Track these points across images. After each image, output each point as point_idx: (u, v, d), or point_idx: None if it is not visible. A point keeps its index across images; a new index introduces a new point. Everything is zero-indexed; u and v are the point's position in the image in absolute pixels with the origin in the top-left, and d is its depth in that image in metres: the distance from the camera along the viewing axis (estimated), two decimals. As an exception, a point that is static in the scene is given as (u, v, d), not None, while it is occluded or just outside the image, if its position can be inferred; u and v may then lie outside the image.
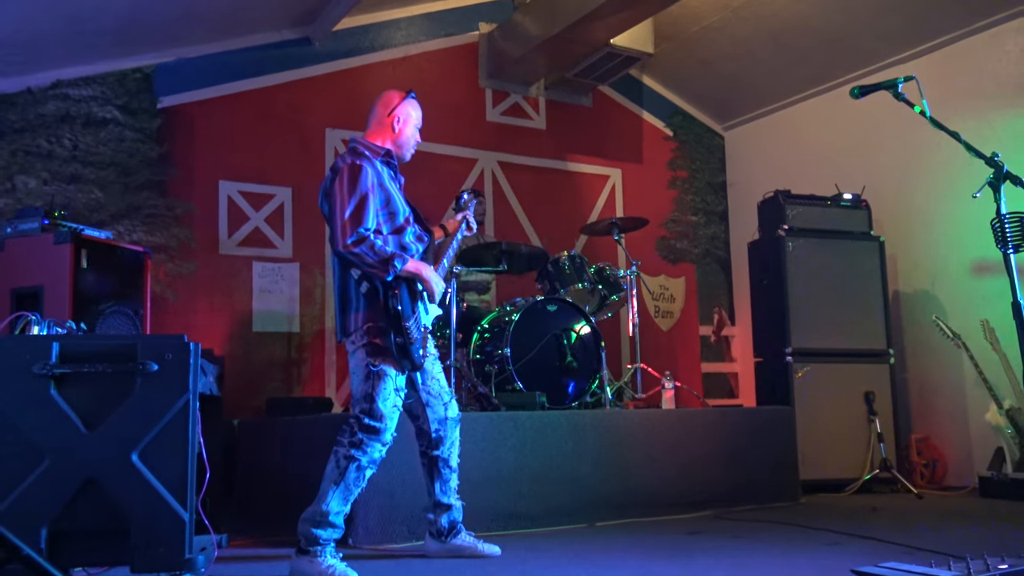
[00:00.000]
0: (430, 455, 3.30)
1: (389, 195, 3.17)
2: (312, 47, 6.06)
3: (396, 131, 3.28)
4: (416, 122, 3.35)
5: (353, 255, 2.98)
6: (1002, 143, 5.42)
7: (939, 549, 3.11)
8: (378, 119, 3.30)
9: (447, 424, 3.29)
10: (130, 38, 5.22)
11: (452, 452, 3.32)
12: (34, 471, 2.37)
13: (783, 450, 4.96)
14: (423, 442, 3.31)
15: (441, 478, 3.30)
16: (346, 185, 3.04)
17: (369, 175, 3.08)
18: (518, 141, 6.84)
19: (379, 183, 3.13)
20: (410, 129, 3.32)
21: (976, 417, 5.61)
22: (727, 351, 7.57)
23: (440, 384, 3.30)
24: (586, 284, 5.10)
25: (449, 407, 3.31)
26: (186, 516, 2.46)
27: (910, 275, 6.21)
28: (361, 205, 3.02)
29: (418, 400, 3.26)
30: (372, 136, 3.29)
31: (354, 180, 3.05)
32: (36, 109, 5.11)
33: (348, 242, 2.97)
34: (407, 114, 3.31)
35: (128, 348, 2.50)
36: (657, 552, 3.38)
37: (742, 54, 6.80)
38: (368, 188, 3.06)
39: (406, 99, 3.33)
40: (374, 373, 3.02)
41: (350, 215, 3.00)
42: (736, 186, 7.75)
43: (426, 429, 3.28)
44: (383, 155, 3.23)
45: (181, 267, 5.43)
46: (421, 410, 3.27)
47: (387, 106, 3.30)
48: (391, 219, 3.17)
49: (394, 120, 3.28)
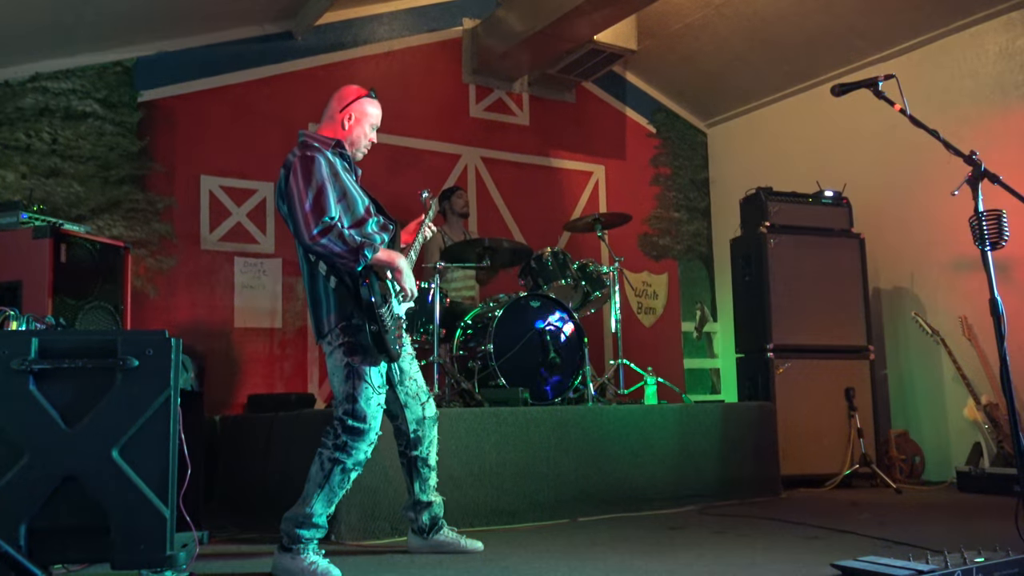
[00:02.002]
0: (409, 455, 3.27)
1: (345, 187, 3.05)
2: (294, 41, 6.03)
3: (346, 128, 3.16)
4: (372, 121, 3.21)
5: (320, 246, 2.88)
6: (981, 141, 5.47)
7: (917, 543, 3.15)
8: (330, 113, 3.19)
9: (425, 423, 3.27)
10: (110, 31, 5.17)
11: (431, 451, 3.30)
12: (13, 468, 2.35)
13: (764, 445, 5.01)
14: (401, 442, 3.28)
15: (420, 477, 3.28)
16: (300, 178, 2.93)
17: (323, 165, 2.98)
18: (501, 137, 6.84)
19: (333, 174, 3.02)
20: (362, 128, 3.18)
21: (954, 412, 5.68)
22: (709, 347, 7.61)
23: (418, 384, 3.26)
24: (569, 280, 5.10)
25: (427, 406, 3.28)
26: (167, 512, 2.44)
27: (890, 272, 6.27)
28: (320, 194, 2.92)
29: (396, 400, 3.21)
30: (322, 130, 3.17)
31: (308, 171, 2.94)
32: (14, 102, 5.06)
33: (314, 232, 2.87)
34: (362, 112, 3.18)
35: (108, 344, 2.48)
36: (639, 547, 3.40)
37: (724, 51, 6.83)
38: (324, 178, 2.95)
39: (364, 97, 3.20)
40: (354, 372, 2.96)
41: (311, 206, 2.90)
42: (718, 183, 7.79)
43: (404, 429, 3.25)
44: (333, 146, 3.12)
45: (162, 262, 5.39)
46: (399, 410, 3.23)
47: (341, 101, 3.19)
48: (350, 211, 3.05)
49: (345, 117, 3.16)
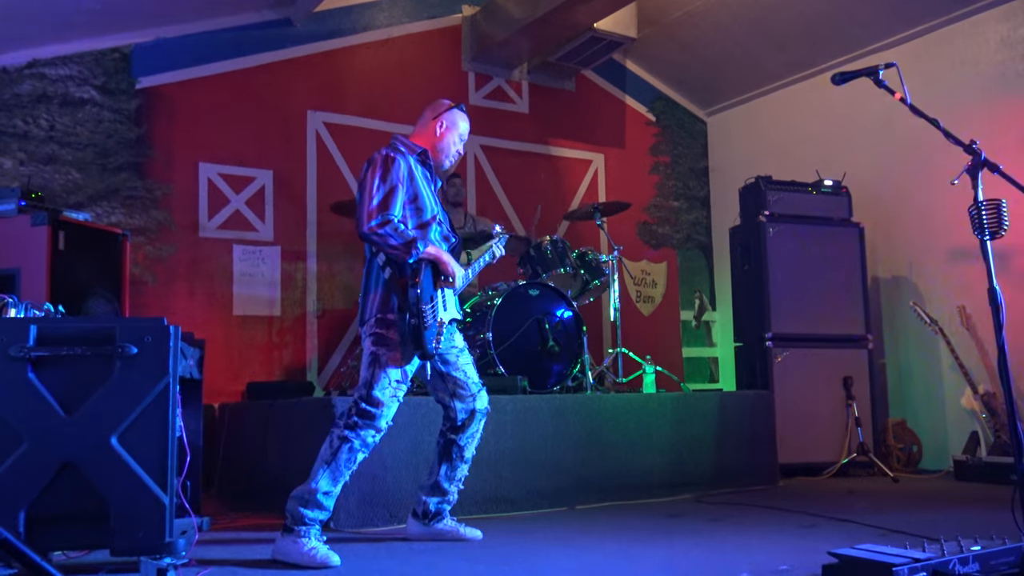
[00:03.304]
0: (449, 437, 3.31)
1: (418, 191, 3.22)
2: (293, 28, 6.00)
3: (438, 135, 3.33)
4: (461, 132, 3.37)
5: (377, 235, 3.03)
6: (982, 130, 5.44)
7: (914, 531, 3.16)
8: (424, 121, 3.38)
9: (475, 415, 3.31)
10: (108, 17, 5.14)
11: (470, 443, 3.33)
12: (12, 455, 2.36)
13: (762, 434, 5.01)
14: (446, 424, 3.33)
15: (451, 464, 3.31)
16: (378, 174, 3.12)
17: (401, 167, 3.16)
18: (501, 125, 6.82)
19: (410, 178, 3.19)
20: (452, 136, 3.35)
21: (952, 401, 5.70)
22: (708, 336, 7.62)
23: (467, 375, 3.30)
24: (568, 269, 5.10)
25: (478, 398, 3.31)
26: (166, 499, 2.44)
27: (889, 261, 6.27)
28: (390, 194, 3.10)
29: (445, 390, 3.28)
30: (414, 136, 3.36)
31: (386, 170, 3.12)
32: (11, 88, 5.04)
33: (372, 224, 3.04)
34: (453, 122, 3.35)
35: (107, 331, 2.47)
36: (637, 535, 3.41)
37: (725, 40, 6.80)
38: (399, 180, 3.13)
39: (455, 108, 3.38)
40: (376, 361, 3.07)
41: (378, 203, 3.07)
42: (718, 171, 7.78)
43: (452, 416, 3.30)
44: (419, 153, 3.28)
45: (160, 250, 5.38)
46: (449, 399, 3.29)
47: (435, 110, 3.37)
48: (418, 214, 3.21)
49: (438, 124, 3.33)
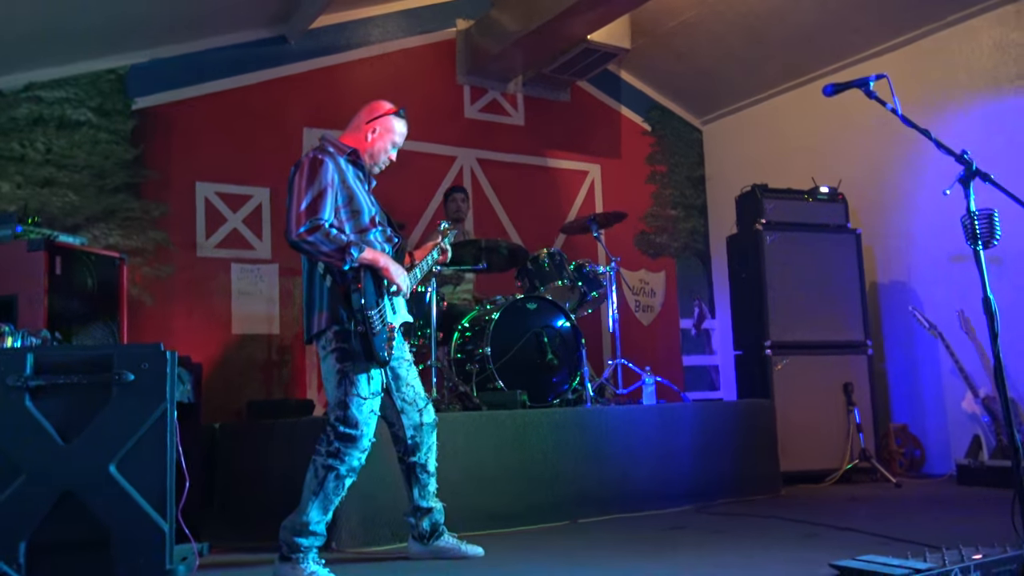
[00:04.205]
0: (407, 461, 3.27)
1: (352, 193, 3.10)
2: (288, 45, 6.02)
3: (369, 140, 3.23)
4: (395, 138, 3.27)
5: (307, 243, 2.92)
6: (976, 135, 5.48)
7: (916, 539, 3.15)
8: (356, 124, 3.27)
9: (423, 430, 3.26)
10: (103, 39, 5.16)
11: (429, 457, 3.29)
12: (11, 485, 2.36)
13: (763, 442, 5.01)
14: (399, 448, 3.28)
15: (419, 483, 3.28)
16: (305, 177, 2.99)
17: (330, 169, 3.04)
18: (497, 138, 6.84)
19: (341, 180, 3.08)
20: (384, 143, 3.25)
21: (953, 406, 5.69)
22: (708, 344, 7.62)
23: (415, 390, 3.26)
24: (566, 281, 5.11)
25: (425, 412, 3.27)
26: (166, 526, 2.45)
27: (887, 266, 6.27)
28: (319, 198, 2.97)
29: (392, 407, 3.21)
30: (344, 137, 3.25)
31: (314, 173, 3.00)
32: (8, 112, 5.05)
33: (300, 231, 2.91)
34: (387, 127, 3.25)
35: (104, 358, 2.48)
36: (640, 548, 3.40)
37: (719, 48, 6.82)
38: (328, 183, 3.01)
39: (392, 114, 3.28)
40: (346, 378, 2.97)
41: (306, 206, 2.94)
42: (714, 180, 7.78)
43: (401, 436, 3.25)
44: (348, 154, 3.18)
45: (158, 270, 5.38)
46: (396, 417, 3.23)
47: (369, 113, 3.27)
48: (354, 217, 3.10)
49: (370, 130, 3.23)
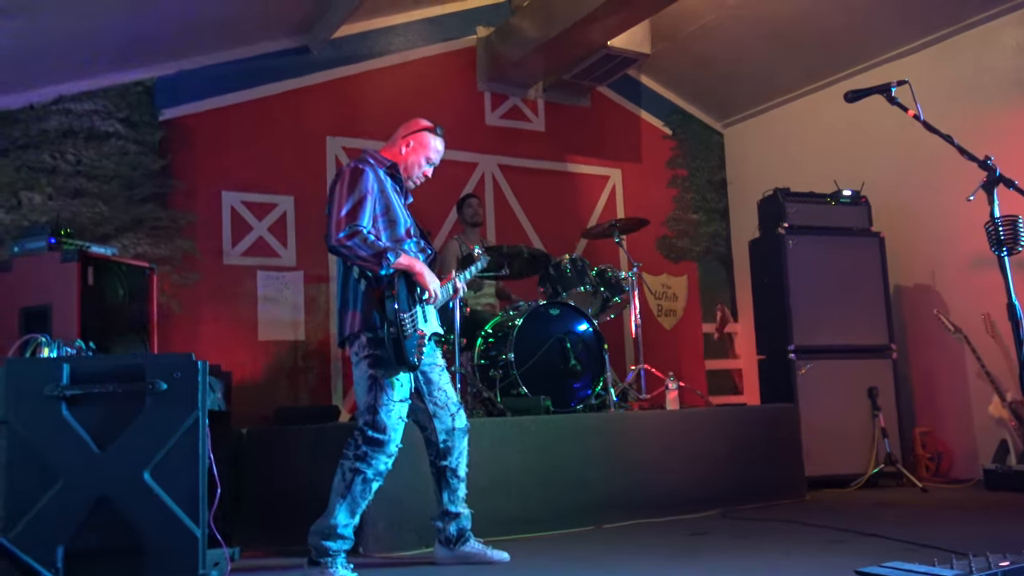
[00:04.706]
0: (438, 465, 3.32)
1: (390, 203, 3.21)
2: (311, 55, 6.09)
3: (403, 154, 3.33)
4: (429, 154, 3.35)
5: (345, 247, 3.01)
6: (1000, 137, 5.44)
7: (943, 545, 3.13)
8: (394, 138, 3.39)
9: (455, 434, 3.31)
10: (130, 52, 5.26)
11: (460, 462, 3.34)
12: (49, 491, 2.42)
13: (788, 447, 5.00)
14: (431, 452, 3.33)
15: (449, 487, 3.33)
16: (346, 185, 3.11)
17: (370, 179, 3.15)
18: (518, 144, 6.87)
19: (380, 190, 3.18)
20: (417, 157, 3.33)
21: (980, 410, 5.64)
22: (731, 348, 7.60)
23: (447, 395, 3.32)
24: (588, 287, 5.12)
25: (457, 417, 3.32)
26: (199, 532, 2.50)
27: (911, 270, 6.23)
28: (359, 205, 3.08)
29: (425, 411, 3.28)
30: (383, 151, 3.36)
31: (355, 181, 3.12)
32: (39, 125, 5.15)
33: (340, 236, 3.02)
34: (422, 143, 3.34)
35: (137, 368, 2.54)
36: (665, 553, 3.42)
37: (739, 52, 6.82)
38: (368, 191, 3.11)
39: (427, 130, 3.36)
40: (377, 384, 3.04)
41: (346, 212, 3.05)
42: (735, 183, 7.77)
43: (434, 440, 3.30)
44: (388, 167, 3.29)
45: (185, 278, 5.46)
46: (428, 421, 3.29)
47: (407, 128, 3.39)
48: (391, 227, 3.20)
49: (405, 144, 3.34)
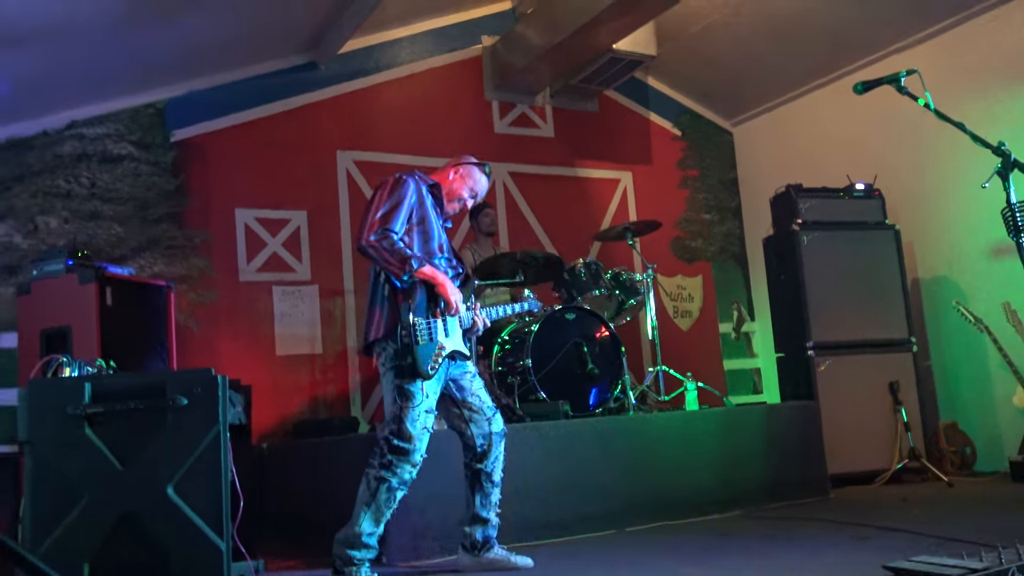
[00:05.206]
0: (474, 467, 3.33)
1: (426, 215, 3.26)
2: (319, 71, 6.12)
3: (451, 179, 3.41)
4: (473, 185, 3.43)
5: (373, 248, 3.06)
6: (1013, 121, 5.40)
7: (970, 538, 3.10)
8: (444, 166, 3.48)
9: (492, 438, 3.33)
10: (141, 75, 5.32)
11: (496, 467, 3.35)
12: (73, 509, 2.44)
13: (810, 445, 4.96)
14: (468, 455, 3.35)
15: (483, 491, 3.33)
16: (387, 191, 3.19)
17: (411, 188, 3.22)
18: (527, 151, 6.88)
19: (419, 200, 3.24)
20: (463, 185, 3.41)
21: (1003, 401, 5.58)
22: (748, 347, 7.56)
23: (481, 399, 3.34)
24: (603, 291, 5.11)
25: (493, 421, 3.34)
26: (223, 545, 2.51)
27: (928, 262, 6.18)
28: (394, 210, 3.14)
29: (460, 416, 3.31)
30: (432, 174, 3.43)
31: (395, 188, 3.20)
32: (53, 150, 5.21)
33: (371, 238, 3.07)
34: (469, 173, 3.43)
35: (158, 384, 2.56)
36: (689, 555, 3.40)
37: (745, 50, 6.81)
38: (406, 197, 3.18)
39: (476, 165, 3.46)
40: (402, 394, 3.07)
41: (381, 215, 3.12)
42: (747, 181, 7.74)
43: (471, 444, 3.32)
44: (430, 185, 3.35)
45: (202, 296, 5.50)
46: (464, 427, 3.31)
47: (457, 159, 3.48)
48: (425, 240, 3.24)
49: (453, 170, 3.43)
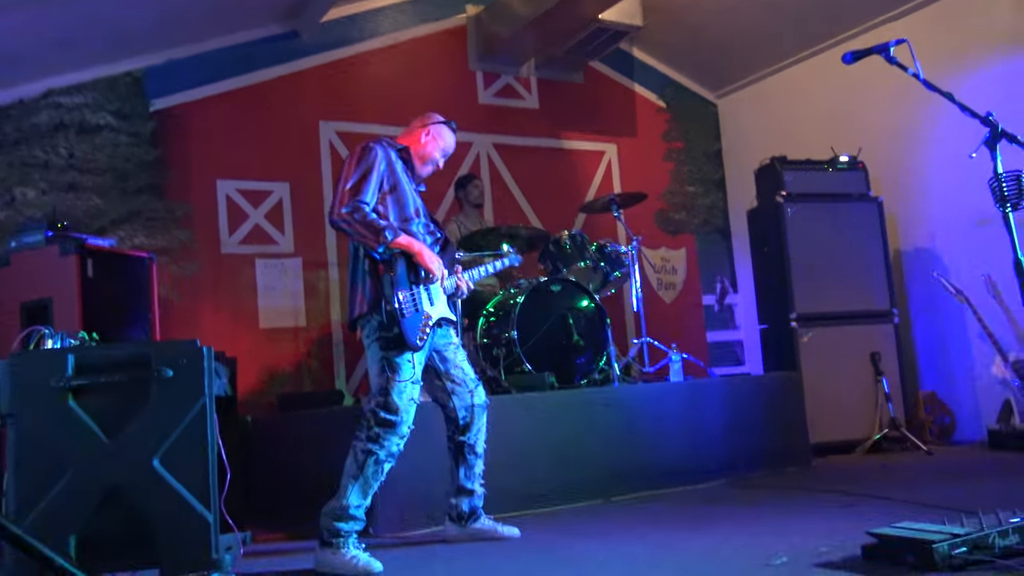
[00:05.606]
0: (456, 440, 3.33)
1: (398, 181, 3.21)
2: (301, 40, 6.03)
3: (422, 142, 3.35)
4: (444, 145, 3.39)
5: (345, 222, 3.03)
6: (999, 95, 5.41)
7: (952, 505, 3.14)
8: (411, 128, 3.41)
9: (475, 410, 3.33)
10: (119, 42, 5.21)
11: (479, 438, 3.36)
12: (59, 482, 2.42)
13: (792, 415, 5.01)
14: (451, 427, 3.35)
15: (466, 463, 3.34)
16: (354, 161, 3.14)
17: (379, 155, 3.16)
18: (512, 122, 6.83)
19: (389, 167, 3.19)
20: (435, 147, 3.37)
21: (982, 371, 5.65)
22: (731, 319, 7.60)
23: (464, 372, 3.33)
24: (588, 262, 5.11)
25: (475, 394, 3.34)
26: (210, 517, 2.50)
27: (910, 233, 6.22)
28: (363, 179, 3.09)
29: (443, 388, 3.30)
30: (399, 138, 3.38)
31: (363, 157, 3.14)
32: (29, 119, 5.11)
33: (343, 211, 3.03)
34: (439, 134, 3.38)
35: (142, 356, 2.53)
36: (675, 523, 3.43)
37: (730, 21, 6.76)
38: (374, 164, 3.13)
39: (444, 123, 3.42)
40: (388, 365, 3.05)
41: (351, 186, 3.07)
42: (731, 154, 7.74)
43: (453, 416, 3.32)
44: (399, 149, 3.30)
45: (184, 268, 5.44)
46: (447, 398, 3.31)
47: (424, 120, 3.42)
48: (399, 206, 3.20)
49: (424, 132, 3.37)
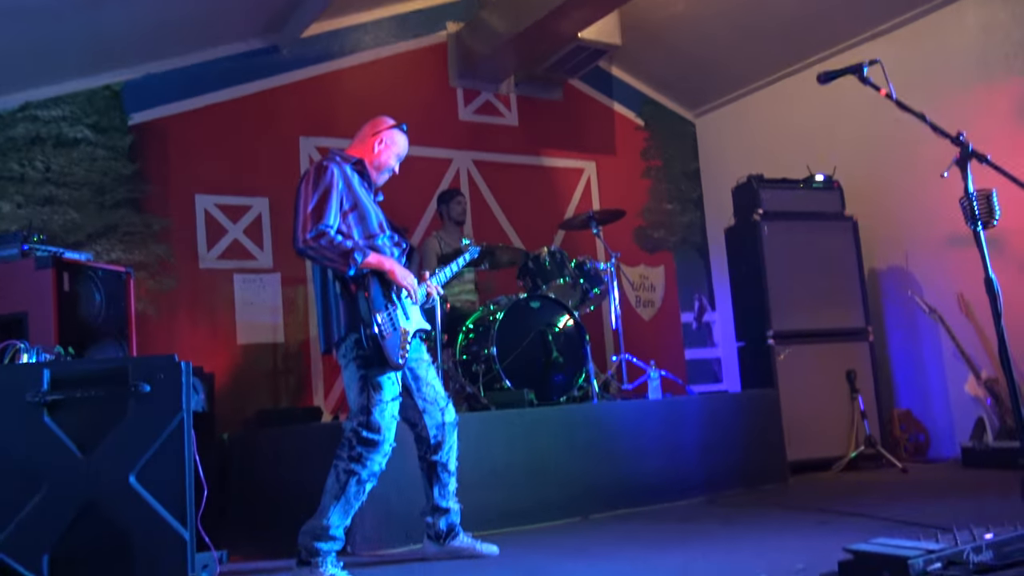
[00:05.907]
0: (429, 460, 3.32)
1: (358, 199, 3.18)
2: (281, 55, 6.03)
3: (376, 152, 3.33)
4: (399, 150, 3.39)
5: (312, 249, 3.00)
6: (969, 117, 5.50)
7: (927, 522, 3.18)
8: (362, 136, 3.37)
9: (445, 428, 3.31)
10: (97, 56, 5.18)
11: (451, 456, 3.34)
12: (33, 498, 2.38)
13: (769, 432, 5.04)
14: (422, 448, 3.33)
15: (440, 482, 3.32)
16: (311, 183, 3.10)
17: (335, 175, 3.12)
18: (491, 139, 6.86)
19: (347, 185, 3.16)
20: (389, 155, 3.36)
21: (956, 389, 5.72)
22: (709, 336, 7.65)
23: (435, 390, 3.32)
24: (567, 279, 5.13)
25: (446, 412, 3.32)
26: (187, 534, 2.48)
27: (885, 252, 6.30)
28: (323, 202, 3.05)
29: (414, 407, 3.27)
30: (350, 150, 3.35)
31: (319, 178, 3.10)
32: (6, 132, 5.07)
33: (308, 237, 3.00)
34: (392, 140, 3.36)
35: (119, 370, 2.51)
36: (653, 541, 3.44)
37: (708, 41, 6.85)
38: (332, 185, 3.09)
39: (395, 127, 3.39)
40: (368, 384, 3.03)
41: (312, 209, 3.04)
42: (709, 172, 7.81)
43: (424, 435, 3.29)
44: (353, 163, 3.27)
45: (161, 283, 5.40)
46: (418, 417, 3.29)
47: (374, 127, 3.39)
48: (362, 223, 3.17)
49: (377, 140, 3.34)
